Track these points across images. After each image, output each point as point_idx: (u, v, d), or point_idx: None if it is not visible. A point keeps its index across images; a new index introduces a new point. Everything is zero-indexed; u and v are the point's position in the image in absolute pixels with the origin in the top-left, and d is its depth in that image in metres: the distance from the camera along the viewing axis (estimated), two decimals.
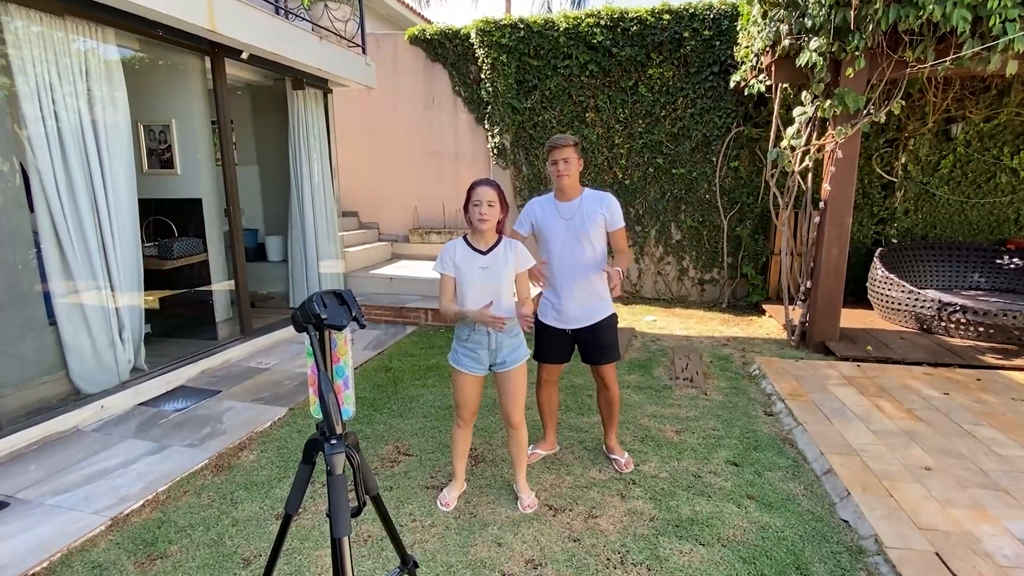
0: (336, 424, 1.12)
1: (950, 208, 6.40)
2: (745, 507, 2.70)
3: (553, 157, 2.78)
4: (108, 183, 3.72)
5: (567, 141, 2.76)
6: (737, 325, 6.01)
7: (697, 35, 6.34)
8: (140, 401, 3.83)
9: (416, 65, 7.69)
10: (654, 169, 6.90)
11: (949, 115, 6.08)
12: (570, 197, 2.84)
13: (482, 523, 2.58)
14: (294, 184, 5.81)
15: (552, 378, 3.07)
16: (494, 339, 2.53)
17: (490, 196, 2.44)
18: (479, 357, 2.55)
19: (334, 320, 1.15)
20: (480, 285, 2.50)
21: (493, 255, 2.51)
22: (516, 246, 2.56)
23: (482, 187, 2.45)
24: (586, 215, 2.79)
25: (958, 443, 3.20)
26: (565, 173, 2.77)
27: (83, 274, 3.59)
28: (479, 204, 2.43)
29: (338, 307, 1.18)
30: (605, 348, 2.92)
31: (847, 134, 4.47)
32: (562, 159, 2.76)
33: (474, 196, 2.46)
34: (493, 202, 2.44)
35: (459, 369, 2.58)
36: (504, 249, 2.53)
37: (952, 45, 4.03)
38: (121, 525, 2.55)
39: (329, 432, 1.13)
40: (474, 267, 2.50)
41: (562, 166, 2.77)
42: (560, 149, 2.75)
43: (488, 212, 2.43)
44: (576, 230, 2.80)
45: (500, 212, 2.48)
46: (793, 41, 4.39)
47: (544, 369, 3.04)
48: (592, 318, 2.89)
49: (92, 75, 3.62)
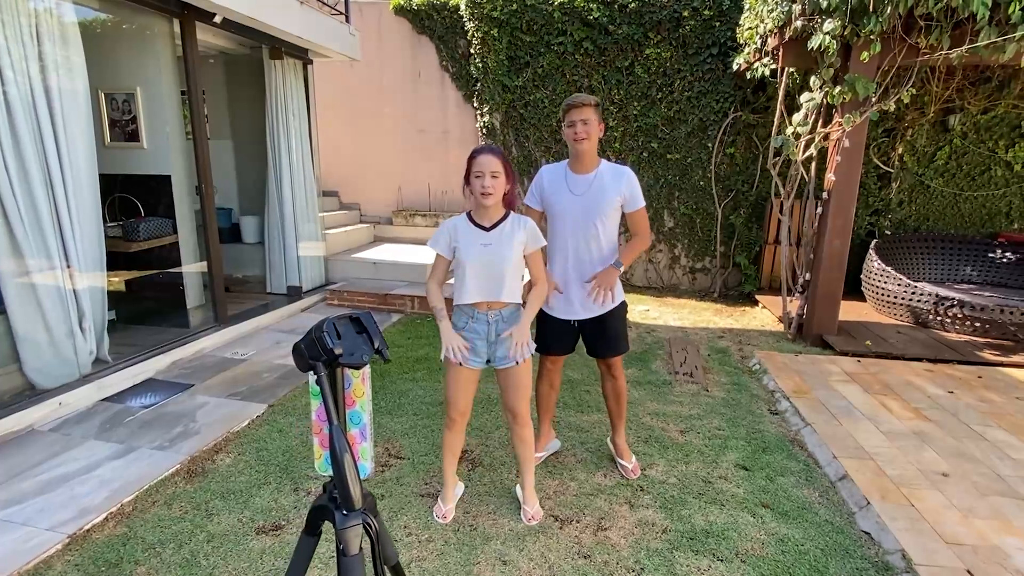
0: (355, 498, 0.87)
1: (943, 200, 6.34)
2: (760, 517, 2.55)
3: (571, 118, 2.45)
4: (64, 156, 3.36)
5: (587, 100, 2.44)
6: (731, 316, 5.90)
7: (697, 15, 6.09)
8: (103, 396, 3.52)
9: (402, 37, 7.29)
10: (648, 154, 6.69)
11: (948, 106, 5.98)
12: (586, 169, 2.53)
13: (484, 537, 2.39)
14: (271, 161, 5.44)
15: (556, 368, 2.86)
16: (493, 329, 2.28)
17: (494, 166, 2.14)
18: (476, 348, 2.31)
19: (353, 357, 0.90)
20: (481, 265, 2.22)
21: (498, 231, 2.24)
22: (526, 222, 2.29)
23: (485, 155, 2.16)
24: (601, 192, 2.49)
25: (970, 446, 3.11)
26: (584, 136, 2.44)
27: (36, 257, 3.25)
28: (481, 175, 2.14)
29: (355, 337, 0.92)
30: (612, 340, 2.68)
31: (855, 122, 4.31)
32: (580, 120, 2.43)
33: (475, 166, 2.16)
34: (497, 172, 2.15)
35: (453, 361, 2.31)
36: (512, 225, 2.26)
37: (968, 32, 3.88)
38: (81, 543, 2.29)
39: (345, 506, 0.88)
40: (475, 244, 2.23)
41: (580, 128, 2.43)
42: (579, 108, 2.42)
43: (492, 184, 2.14)
44: (588, 208, 2.50)
45: (506, 183, 2.20)
46: (805, 22, 4.18)
47: (547, 359, 2.82)
48: (600, 308, 2.62)
49: (44, 36, 3.23)
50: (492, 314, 2.28)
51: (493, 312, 2.28)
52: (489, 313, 2.28)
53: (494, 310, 2.28)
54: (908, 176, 6.28)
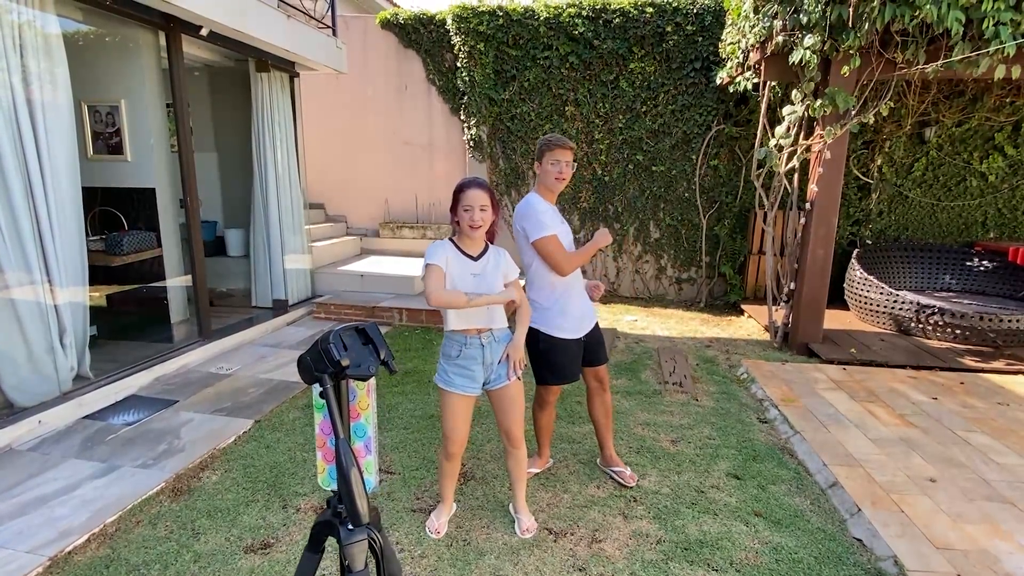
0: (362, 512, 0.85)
1: (922, 210, 6.49)
2: (754, 525, 2.56)
3: (555, 157, 2.54)
4: (46, 169, 3.30)
5: (570, 143, 2.58)
6: (717, 325, 5.95)
7: (680, 30, 6.21)
8: (85, 414, 3.43)
9: (388, 50, 7.32)
10: (634, 166, 6.76)
11: (924, 119, 6.15)
12: (555, 200, 2.70)
13: (478, 551, 2.36)
14: (257, 173, 5.40)
15: (555, 398, 2.86)
16: (489, 351, 2.30)
17: (483, 200, 2.19)
18: (473, 374, 2.30)
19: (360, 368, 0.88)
20: (474, 295, 2.25)
21: (485, 260, 2.28)
22: (504, 253, 2.35)
23: (473, 190, 2.19)
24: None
25: (956, 451, 3.15)
26: (566, 177, 2.59)
27: (15, 271, 3.17)
28: (470, 209, 2.18)
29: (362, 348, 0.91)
30: (603, 344, 2.83)
31: (836, 134, 4.40)
32: (565, 161, 2.55)
33: (464, 200, 2.19)
34: (486, 206, 2.20)
35: (450, 391, 2.29)
36: (495, 255, 2.32)
37: (943, 47, 4.00)
38: (62, 565, 2.21)
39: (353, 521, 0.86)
40: (466, 273, 2.25)
41: (564, 168, 2.56)
42: (565, 150, 2.54)
43: (482, 217, 2.19)
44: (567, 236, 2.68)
45: (493, 215, 2.24)
46: (786, 37, 4.28)
47: (550, 391, 2.78)
48: (594, 319, 2.80)
49: (27, 48, 3.19)
50: (484, 337, 2.30)
51: (485, 335, 2.30)
52: (481, 336, 2.29)
53: (484, 333, 2.30)
54: (887, 187, 6.42)
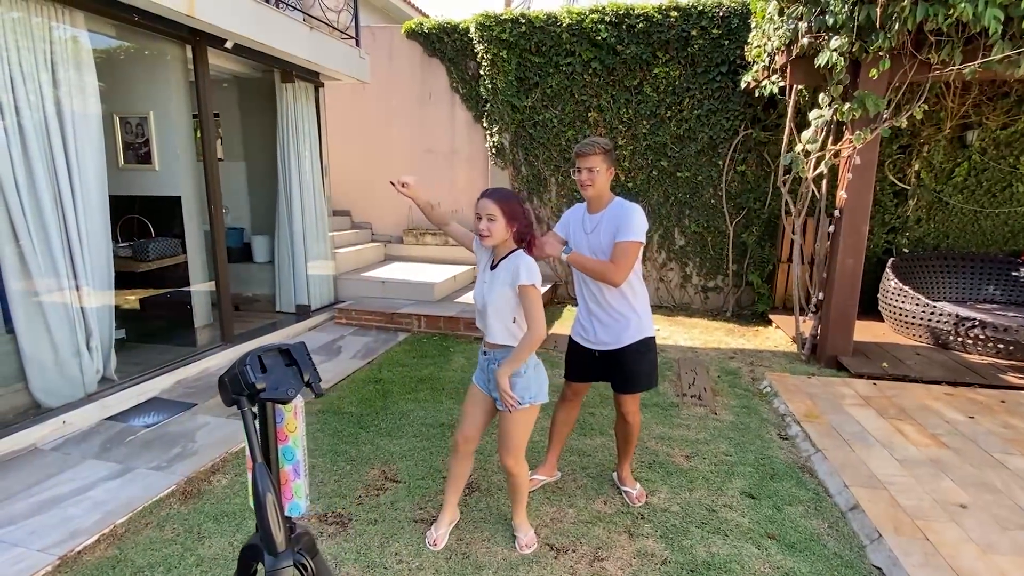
0: (277, 540, 0.83)
1: (964, 217, 6.18)
2: (766, 548, 2.45)
3: (579, 165, 2.48)
4: (75, 179, 3.43)
5: (594, 148, 2.43)
6: (743, 336, 5.77)
7: (705, 33, 6.09)
8: (107, 415, 3.54)
9: (413, 59, 7.40)
10: (658, 172, 6.65)
11: (965, 121, 5.86)
12: (596, 209, 2.55)
13: (476, 566, 2.32)
14: (282, 181, 5.52)
15: (576, 398, 2.82)
16: (487, 365, 2.29)
17: (490, 209, 2.14)
18: (483, 378, 2.34)
19: (276, 391, 0.86)
20: (476, 303, 2.30)
21: (496, 271, 2.24)
22: (517, 260, 2.17)
23: (483, 199, 2.17)
24: (603, 231, 2.48)
25: (991, 475, 2.96)
26: (588, 183, 2.47)
27: (44, 278, 3.30)
28: (479, 217, 2.18)
29: (284, 369, 0.89)
30: (630, 377, 2.58)
31: (866, 139, 4.22)
32: (586, 168, 2.46)
33: (476, 208, 2.20)
34: (494, 216, 2.13)
35: (473, 381, 2.40)
36: (505, 264, 2.20)
37: (981, 47, 3.80)
38: (71, 564, 2.27)
39: (268, 550, 0.84)
40: (480, 280, 2.30)
41: (585, 176, 2.47)
42: (585, 157, 2.45)
43: (488, 227, 2.15)
44: (593, 246, 2.52)
45: (507, 226, 2.15)
46: (812, 40, 4.14)
47: (567, 386, 2.80)
48: (616, 343, 2.56)
49: (58, 62, 3.32)
50: (488, 350, 2.29)
51: (489, 349, 2.28)
52: (486, 348, 2.30)
53: (489, 348, 2.28)
54: (926, 193, 6.14)
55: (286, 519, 0.87)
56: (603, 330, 2.58)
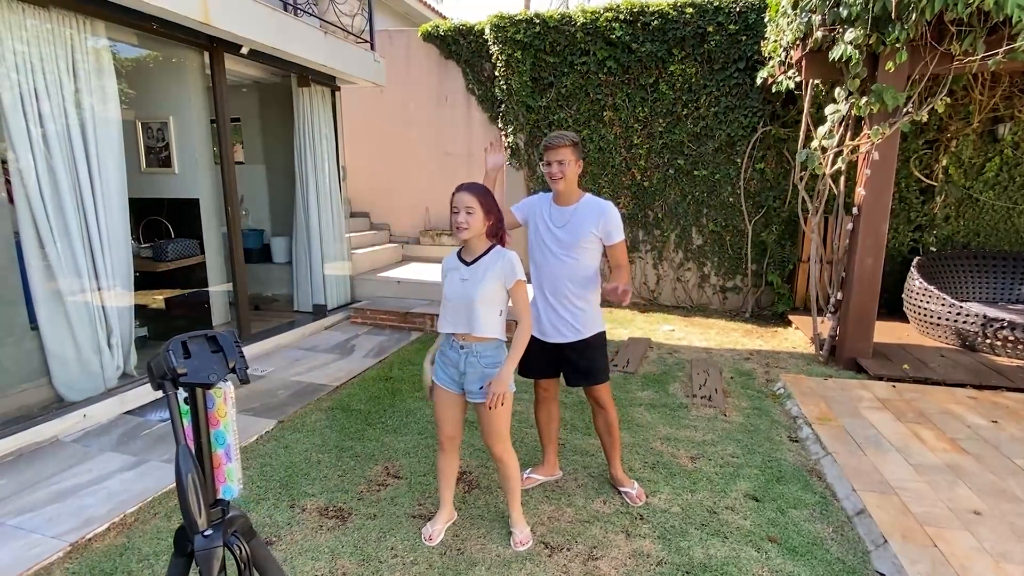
0: (195, 520, 0.86)
1: (995, 215, 5.94)
2: (766, 551, 2.40)
3: (547, 158, 2.50)
4: (96, 182, 3.57)
5: (563, 140, 2.48)
6: (761, 337, 5.66)
7: (722, 29, 5.99)
8: (126, 410, 3.67)
9: (429, 62, 7.48)
10: (675, 170, 6.57)
11: (996, 114, 5.63)
12: (566, 203, 2.57)
13: (470, 562, 2.33)
14: (299, 184, 5.64)
15: (548, 395, 2.81)
16: (463, 360, 2.26)
17: (468, 202, 2.16)
18: (450, 374, 2.32)
19: (198, 376, 0.90)
20: (457, 298, 2.24)
21: (476, 265, 2.23)
22: (506, 255, 2.23)
23: (460, 192, 2.19)
24: (577, 226, 2.51)
25: (1011, 482, 2.84)
26: (559, 176, 2.49)
27: (68, 277, 3.44)
28: (457, 211, 2.18)
29: (209, 356, 0.93)
30: (588, 372, 2.64)
31: (884, 134, 4.10)
32: (556, 160, 2.48)
33: (453, 202, 2.20)
34: (472, 209, 2.16)
35: (435, 381, 2.36)
36: (491, 259, 2.22)
37: (1005, 36, 3.67)
38: (81, 551, 2.36)
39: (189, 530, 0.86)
40: (456, 279, 2.26)
41: (555, 168, 2.49)
42: (555, 150, 2.47)
43: (466, 220, 2.16)
44: (564, 240, 2.53)
45: (485, 220, 2.19)
46: (826, 33, 4.04)
47: (536, 385, 2.80)
48: (572, 336, 2.59)
49: (79, 69, 3.46)
50: (465, 345, 2.27)
51: (466, 344, 2.27)
52: (463, 343, 2.27)
53: (467, 342, 2.26)
54: (954, 190, 5.92)
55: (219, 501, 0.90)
56: (561, 325, 2.60)
